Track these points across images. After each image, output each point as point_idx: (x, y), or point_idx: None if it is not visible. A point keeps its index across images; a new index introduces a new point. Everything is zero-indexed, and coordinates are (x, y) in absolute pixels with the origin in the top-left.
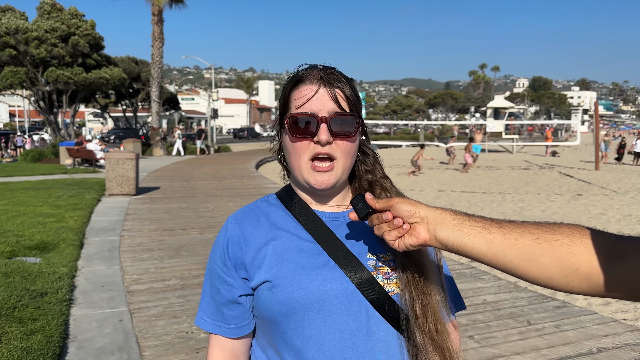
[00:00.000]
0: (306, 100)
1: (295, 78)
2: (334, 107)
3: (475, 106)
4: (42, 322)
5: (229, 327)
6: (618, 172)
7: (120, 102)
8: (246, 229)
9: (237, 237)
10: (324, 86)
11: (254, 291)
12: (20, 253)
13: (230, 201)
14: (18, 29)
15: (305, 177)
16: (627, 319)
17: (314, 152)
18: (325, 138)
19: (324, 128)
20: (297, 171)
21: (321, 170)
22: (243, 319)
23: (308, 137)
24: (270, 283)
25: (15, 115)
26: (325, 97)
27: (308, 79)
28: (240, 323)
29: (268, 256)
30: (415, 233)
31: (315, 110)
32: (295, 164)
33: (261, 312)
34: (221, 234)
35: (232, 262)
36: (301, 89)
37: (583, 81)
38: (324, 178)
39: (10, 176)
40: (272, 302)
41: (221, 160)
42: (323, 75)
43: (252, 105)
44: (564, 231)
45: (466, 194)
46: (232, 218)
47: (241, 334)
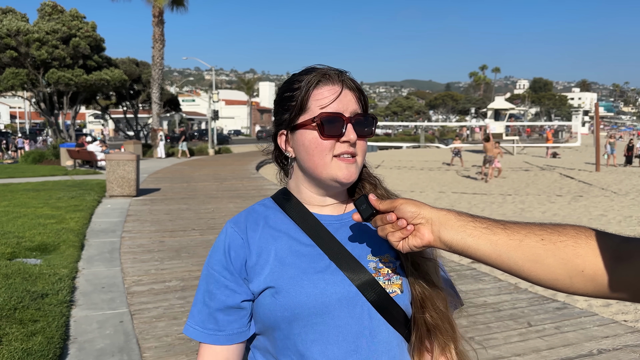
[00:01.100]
0: (331, 100)
1: (314, 78)
2: (356, 107)
3: (475, 107)
4: (42, 324)
5: (223, 335)
6: (618, 173)
7: (121, 104)
8: (246, 232)
9: (239, 241)
10: (346, 87)
11: (256, 298)
12: (21, 254)
13: (230, 202)
14: (19, 31)
15: (333, 172)
16: (627, 320)
17: (341, 151)
18: (354, 137)
19: (350, 128)
20: (319, 170)
21: (349, 162)
22: (241, 325)
23: (335, 137)
24: (274, 289)
25: (16, 116)
26: (348, 98)
27: (329, 80)
28: (237, 329)
29: (270, 261)
30: (420, 234)
31: (340, 110)
32: (319, 162)
33: (264, 319)
34: (220, 238)
35: (234, 266)
36: (323, 89)
37: (583, 82)
38: (352, 170)
39: (11, 178)
40: (275, 309)
41: (221, 161)
42: (343, 77)
43: (253, 107)
44: (569, 232)
45: (467, 195)
46: (231, 222)
47: (236, 341)
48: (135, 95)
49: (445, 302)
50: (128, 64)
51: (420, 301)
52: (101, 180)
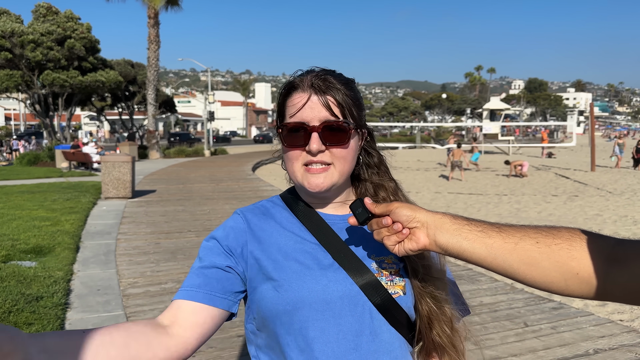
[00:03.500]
0: (297, 109)
1: (288, 86)
2: (325, 115)
3: (471, 108)
4: (37, 327)
5: (202, 291)
6: (614, 173)
7: (116, 105)
8: (252, 220)
9: (242, 226)
10: (315, 94)
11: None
12: (16, 257)
13: (226, 204)
14: (14, 32)
15: (300, 180)
16: (623, 320)
17: (306, 160)
18: (316, 147)
19: (315, 137)
20: (295, 175)
21: (315, 172)
22: (222, 289)
23: (300, 147)
24: (276, 282)
25: (11, 118)
26: (317, 105)
27: (300, 87)
28: (217, 292)
29: (273, 254)
30: (415, 238)
31: (306, 119)
32: (290, 169)
33: (265, 312)
34: (228, 221)
35: (230, 245)
36: (294, 97)
37: (578, 83)
38: (319, 181)
39: (6, 180)
40: (277, 302)
41: (217, 162)
42: (315, 82)
43: (249, 108)
44: (564, 235)
45: (462, 196)
46: (240, 210)
47: (212, 303)
48: (130, 96)
49: (451, 320)
50: (123, 66)
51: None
52: (96, 182)
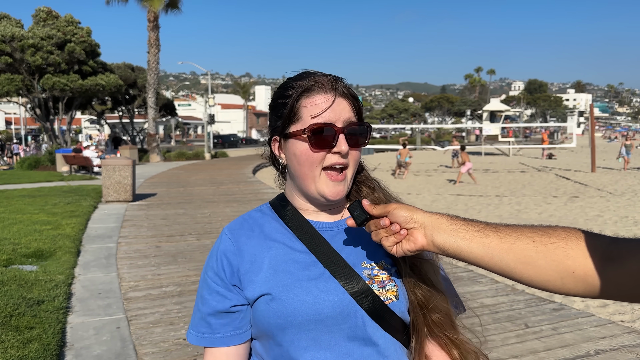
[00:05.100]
0: (322, 109)
1: (306, 86)
2: (349, 116)
3: (471, 109)
4: (38, 331)
5: (218, 337)
6: (614, 174)
7: (116, 109)
8: (240, 239)
9: (232, 248)
10: (339, 95)
11: (252, 304)
12: (17, 261)
13: (227, 207)
14: (14, 37)
15: (320, 188)
16: (624, 320)
17: (331, 163)
18: (346, 149)
19: (342, 139)
20: (308, 181)
21: (337, 180)
22: (235, 328)
23: (326, 148)
24: (269, 296)
25: (11, 122)
26: (341, 106)
27: (322, 88)
28: (231, 332)
29: (264, 269)
30: (413, 238)
31: (332, 120)
32: (309, 174)
33: (258, 325)
34: (215, 245)
35: (225, 273)
36: (315, 97)
37: (578, 84)
38: (339, 188)
39: (7, 184)
40: (269, 315)
41: (218, 165)
42: (336, 85)
43: (249, 111)
44: (560, 234)
45: (463, 197)
46: (227, 229)
47: (233, 343)
48: (131, 100)
49: (446, 301)
50: (123, 69)
51: (421, 303)
52: (97, 186)
